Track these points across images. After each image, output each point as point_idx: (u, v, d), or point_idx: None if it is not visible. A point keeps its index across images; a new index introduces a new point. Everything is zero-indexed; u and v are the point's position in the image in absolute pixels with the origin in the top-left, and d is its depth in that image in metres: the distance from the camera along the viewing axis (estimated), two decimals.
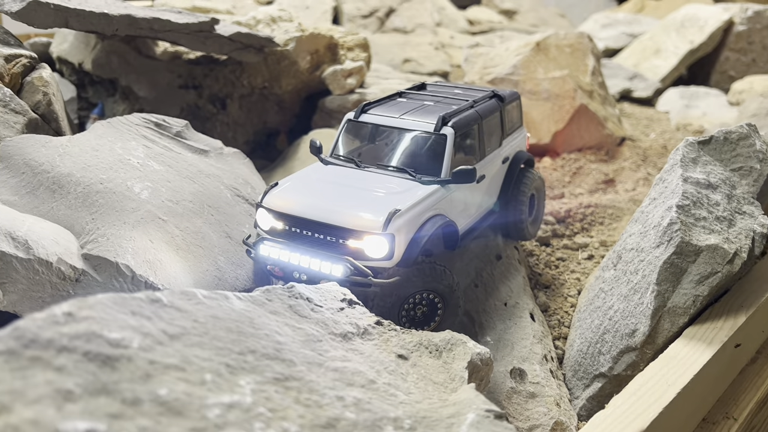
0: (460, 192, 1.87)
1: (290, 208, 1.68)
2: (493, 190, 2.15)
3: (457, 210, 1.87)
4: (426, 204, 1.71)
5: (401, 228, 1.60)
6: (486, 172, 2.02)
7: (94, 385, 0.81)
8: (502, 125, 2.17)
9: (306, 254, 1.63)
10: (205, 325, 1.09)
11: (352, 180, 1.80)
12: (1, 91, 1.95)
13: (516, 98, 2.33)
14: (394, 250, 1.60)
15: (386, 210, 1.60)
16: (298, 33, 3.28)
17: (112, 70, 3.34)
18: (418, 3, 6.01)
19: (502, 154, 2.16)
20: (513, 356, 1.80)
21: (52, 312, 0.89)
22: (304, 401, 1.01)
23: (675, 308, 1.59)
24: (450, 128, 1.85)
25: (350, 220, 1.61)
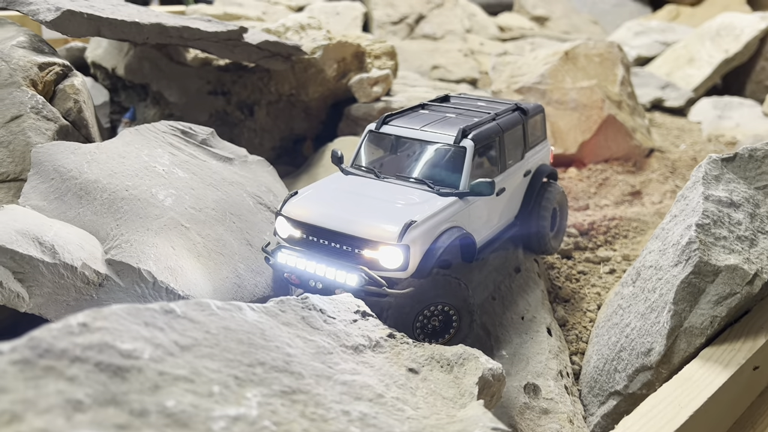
0: (479, 204, 1.88)
1: (308, 216, 1.70)
2: (515, 203, 2.15)
3: (476, 222, 1.87)
4: (443, 216, 1.72)
5: (416, 239, 1.62)
6: (506, 185, 2.03)
7: (104, 396, 0.84)
8: (525, 138, 2.17)
9: (322, 263, 1.65)
10: (216, 336, 1.11)
11: (370, 190, 1.81)
12: (34, 99, 2.01)
13: (539, 111, 2.32)
14: (409, 261, 1.61)
15: (402, 221, 1.62)
16: (326, 41, 3.32)
17: (144, 75, 3.42)
18: (448, 10, 6.01)
19: (525, 167, 2.16)
20: (528, 371, 1.80)
21: (68, 322, 0.92)
22: (309, 415, 1.03)
23: (692, 328, 1.57)
24: (470, 141, 1.86)
25: (366, 230, 1.63)
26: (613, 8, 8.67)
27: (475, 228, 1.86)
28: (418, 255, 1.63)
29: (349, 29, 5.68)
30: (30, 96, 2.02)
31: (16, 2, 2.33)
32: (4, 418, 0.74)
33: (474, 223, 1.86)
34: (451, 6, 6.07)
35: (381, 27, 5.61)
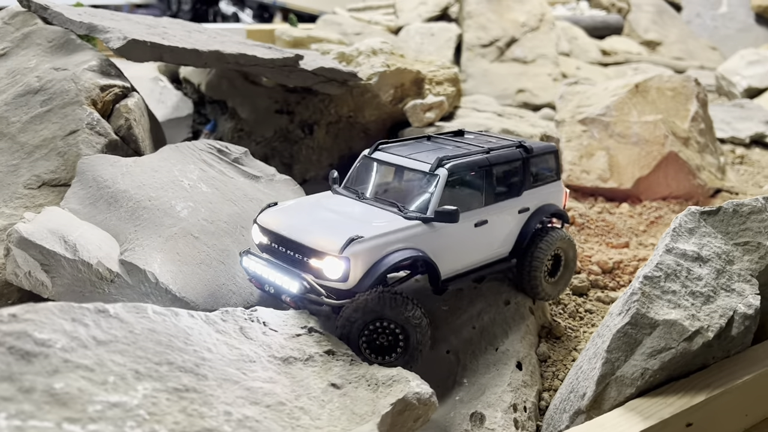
0: (451, 233, 1.93)
1: (273, 225, 1.88)
2: (506, 239, 2.18)
3: (446, 251, 1.93)
4: (398, 236, 1.81)
5: (359, 253, 1.72)
6: (491, 218, 2.07)
7: (3, 374, 1.07)
8: (524, 175, 2.20)
9: (275, 269, 1.82)
10: (138, 336, 1.33)
11: (342, 208, 1.95)
12: (91, 116, 2.36)
13: (549, 152, 2.33)
14: (349, 274, 1.72)
15: (348, 235, 1.73)
16: (383, 68, 3.50)
17: (222, 92, 3.78)
18: (543, 33, 5.99)
19: (521, 203, 2.19)
20: (480, 401, 1.88)
21: (1, 312, 1.17)
22: (189, 411, 1.22)
23: (623, 378, 1.59)
24: (444, 169, 1.94)
25: (314, 240, 1.77)
26: (737, 33, 8.18)
27: (443, 256, 1.92)
28: (359, 269, 1.73)
29: (442, 50, 5.84)
30: (88, 113, 2.37)
31: (96, 30, 2.72)
32: None
33: (443, 251, 1.92)
34: (547, 30, 6.05)
35: (470, 49, 5.71)
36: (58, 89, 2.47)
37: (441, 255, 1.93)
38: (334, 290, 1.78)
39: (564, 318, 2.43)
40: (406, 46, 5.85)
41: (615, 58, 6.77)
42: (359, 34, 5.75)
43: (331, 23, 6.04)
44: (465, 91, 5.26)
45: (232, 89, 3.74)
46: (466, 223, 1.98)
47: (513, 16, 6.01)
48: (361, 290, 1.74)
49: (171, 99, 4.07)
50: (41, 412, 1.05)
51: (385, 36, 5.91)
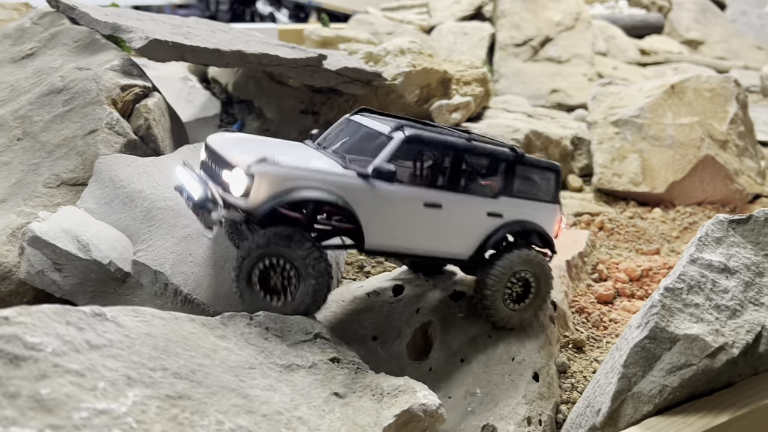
0: (392, 199, 1.82)
1: (213, 141, 1.85)
2: (462, 237, 1.99)
3: (382, 216, 1.82)
4: (321, 177, 1.72)
5: (266, 174, 1.65)
6: (448, 206, 1.92)
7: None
8: (506, 180, 2.03)
9: (194, 179, 1.80)
10: (134, 340, 1.31)
11: (290, 148, 1.90)
12: (111, 116, 2.37)
13: (548, 168, 2.14)
14: (251, 191, 1.65)
15: (263, 155, 1.67)
16: (408, 68, 3.45)
17: (249, 92, 3.78)
18: (579, 32, 5.86)
19: (493, 207, 2.01)
20: (492, 413, 1.82)
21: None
22: (180, 419, 1.19)
23: (639, 394, 1.51)
24: (401, 133, 1.85)
25: (233, 154, 1.72)
26: None
27: (377, 220, 1.81)
28: (263, 190, 1.66)
29: (475, 50, 5.76)
30: (108, 113, 2.38)
31: (120, 30, 2.73)
32: None
33: (378, 215, 1.81)
34: (583, 29, 5.91)
35: (503, 49, 5.62)
36: (80, 89, 2.48)
37: (374, 218, 1.81)
38: (233, 207, 1.72)
39: (587, 327, 2.35)
40: (439, 46, 5.79)
41: (654, 57, 6.59)
42: (391, 33, 5.70)
43: (363, 23, 6.01)
44: (497, 91, 5.18)
45: (259, 89, 3.74)
46: (412, 198, 1.85)
47: (548, 15, 5.89)
48: (258, 213, 1.66)
49: (199, 99, 4.09)
50: (24, 419, 1.03)
51: (416, 35, 5.85)
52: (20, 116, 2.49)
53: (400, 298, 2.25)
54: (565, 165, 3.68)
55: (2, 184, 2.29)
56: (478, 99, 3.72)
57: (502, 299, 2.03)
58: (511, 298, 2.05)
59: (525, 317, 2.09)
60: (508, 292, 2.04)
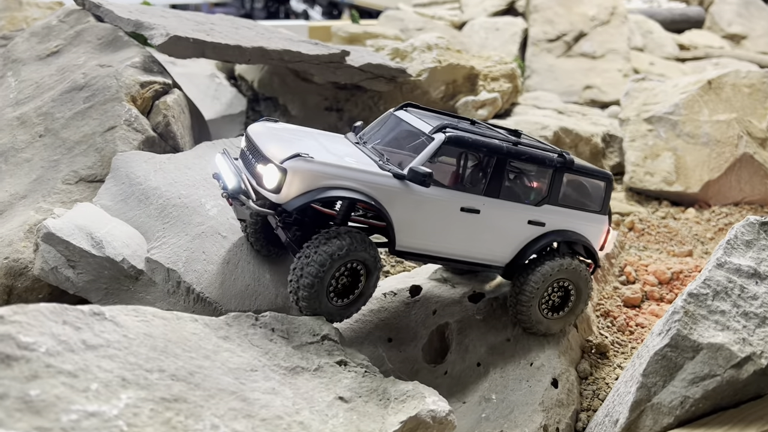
0: (427, 201, 1.77)
1: (253, 131, 1.84)
2: (500, 244, 1.92)
3: (415, 217, 1.77)
4: (355, 176, 1.69)
5: (299, 170, 1.63)
6: (487, 211, 1.85)
7: None
8: (550, 187, 1.95)
9: (231, 168, 1.79)
10: (132, 340, 1.29)
11: (329, 142, 1.87)
12: (129, 112, 2.37)
13: (599, 177, 2.03)
14: (282, 186, 1.64)
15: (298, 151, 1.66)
16: (434, 64, 3.39)
17: (273, 89, 3.76)
18: (614, 27, 5.71)
19: (534, 215, 1.93)
20: (507, 420, 1.75)
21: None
22: (174, 423, 1.16)
23: (659, 405, 1.44)
24: (442, 135, 1.79)
25: (270, 148, 1.71)
26: None
27: (410, 222, 1.77)
28: (295, 185, 1.64)
29: (507, 46, 5.66)
30: (126, 110, 2.38)
31: (142, 27, 2.73)
32: None
33: (412, 217, 1.76)
34: (618, 23, 5.76)
35: (535, 44, 5.51)
36: (101, 86, 2.49)
37: (407, 220, 1.76)
38: (266, 201, 1.71)
39: (612, 332, 2.26)
40: (470, 42, 5.70)
41: (694, 52, 6.38)
42: (421, 29, 5.63)
43: (394, 19, 5.96)
44: (529, 87, 5.08)
45: (284, 86, 3.72)
46: (449, 201, 1.80)
47: (582, 10, 5.75)
48: (289, 209, 1.65)
49: (226, 96, 4.09)
50: (11, 420, 1.01)
51: (447, 31, 5.77)
52: (43, 113, 2.51)
53: (417, 299, 2.19)
54: (595, 163, 3.58)
55: (23, 180, 2.31)
56: (505, 95, 3.64)
57: (538, 306, 1.95)
58: (548, 306, 1.98)
59: (558, 327, 2.00)
60: (545, 300, 1.96)
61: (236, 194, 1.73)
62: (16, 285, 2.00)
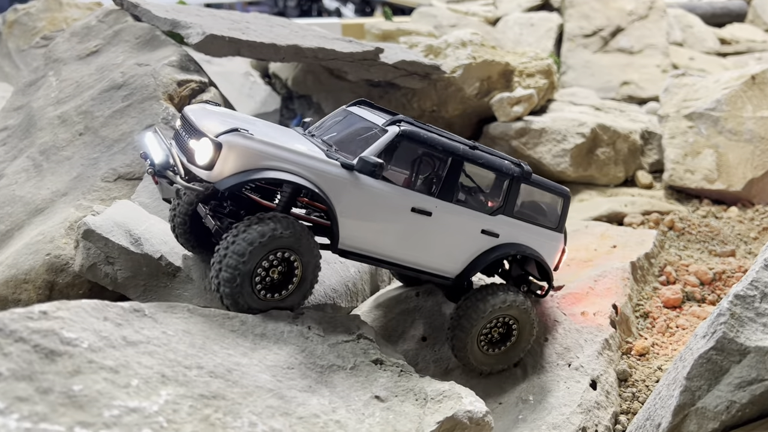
0: (376, 196, 1.65)
1: (190, 110, 1.70)
2: (450, 252, 1.80)
3: (362, 213, 1.65)
4: (298, 159, 1.56)
5: (235, 146, 1.49)
6: (439, 215, 1.74)
7: (23, 372, 1.06)
8: (506, 198, 1.85)
9: (159, 144, 1.67)
10: (171, 337, 1.30)
11: (275, 130, 1.76)
12: (167, 111, 2.39)
13: (557, 193, 1.96)
14: (216, 162, 1.49)
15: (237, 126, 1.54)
16: (468, 60, 3.36)
17: (307, 87, 3.77)
18: (652, 22, 5.60)
19: (487, 224, 1.82)
20: (544, 421, 1.73)
21: (32, 309, 1.17)
22: (213, 420, 1.16)
23: (704, 410, 1.40)
24: (396, 127, 1.70)
25: (205, 123, 1.58)
26: None
27: (357, 217, 1.64)
28: (230, 163, 1.50)
29: (542, 41, 5.59)
30: (164, 108, 2.40)
31: (179, 26, 2.76)
32: None
33: (358, 212, 1.64)
34: (657, 18, 5.64)
35: (571, 40, 5.43)
36: (139, 84, 2.52)
37: (353, 216, 1.64)
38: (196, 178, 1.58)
39: (652, 333, 2.22)
40: (504, 38, 5.65)
41: (735, 47, 6.22)
42: (454, 26, 5.60)
43: (427, 15, 5.93)
44: (565, 83, 5.01)
45: (317, 84, 3.73)
46: (399, 199, 1.68)
47: (619, 4, 5.65)
48: (221, 188, 1.51)
49: (260, 94, 4.12)
50: (55, 415, 1.03)
51: (481, 27, 5.73)
52: (83, 112, 2.55)
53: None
54: (634, 160, 3.51)
55: (64, 178, 2.35)
56: (541, 91, 3.59)
57: (477, 337, 1.83)
58: (486, 340, 1.87)
59: (490, 364, 1.90)
60: (485, 333, 1.85)
61: (163, 170, 1.59)
62: (58, 281, 2.04)
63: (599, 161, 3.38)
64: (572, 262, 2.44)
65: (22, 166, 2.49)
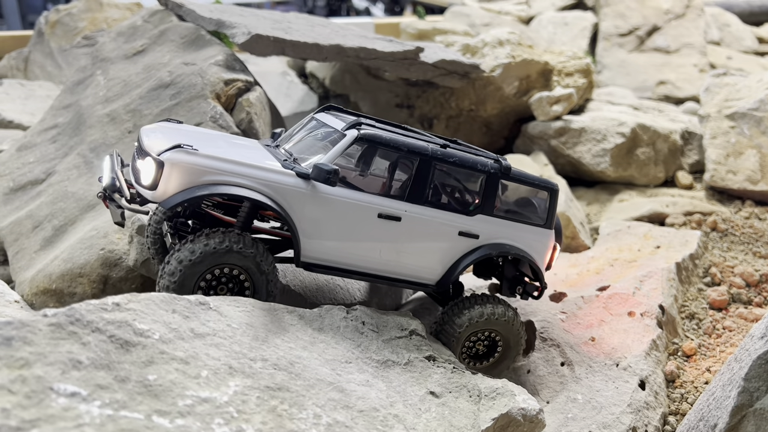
0: (337, 205, 1.59)
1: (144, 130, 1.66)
2: (426, 258, 1.72)
3: (325, 224, 1.59)
4: (248, 171, 1.51)
5: (177, 163, 1.45)
6: (410, 220, 1.66)
7: (102, 361, 1.10)
8: (485, 196, 1.76)
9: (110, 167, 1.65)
10: (235, 330, 1.33)
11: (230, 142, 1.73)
12: (215, 109, 2.43)
13: (542, 187, 1.85)
14: (159, 181, 1.45)
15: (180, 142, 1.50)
16: (508, 59, 3.36)
17: (345, 86, 3.80)
18: (690, 21, 5.53)
19: (465, 225, 1.74)
20: (593, 420, 1.73)
21: (106, 301, 1.21)
22: (279, 411, 1.19)
23: (763, 411, 1.39)
24: (355, 131, 1.63)
25: (151, 141, 1.54)
26: None
27: (319, 228, 1.58)
28: (174, 181, 1.45)
29: (576, 40, 5.56)
30: (212, 107, 2.44)
31: (224, 26, 2.80)
32: (19, 363, 1.02)
33: (320, 223, 1.58)
34: (694, 17, 5.58)
35: (607, 39, 5.39)
36: (186, 83, 2.57)
37: (314, 226, 1.58)
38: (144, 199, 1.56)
39: (698, 335, 2.20)
40: (538, 37, 5.62)
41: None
42: (488, 25, 5.59)
43: (460, 15, 5.93)
44: (600, 83, 4.97)
45: (355, 83, 3.76)
46: (364, 206, 1.61)
47: (656, 3, 5.59)
48: (165, 208, 1.47)
49: (297, 93, 4.16)
50: (133, 403, 1.06)
51: (515, 26, 5.71)
52: (131, 110, 2.61)
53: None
54: (674, 161, 3.48)
55: None
56: (580, 91, 3.57)
57: (458, 353, 1.76)
58: (469, 354, 1.81)
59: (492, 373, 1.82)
60: (468, 346, 1.79)
61: (108, 194, 1.57)
62: (111, 275, 2.09)
63: (639, 161, 3.36)
64: (616, 263, 2.43)
65: (74, 162, 2.55)
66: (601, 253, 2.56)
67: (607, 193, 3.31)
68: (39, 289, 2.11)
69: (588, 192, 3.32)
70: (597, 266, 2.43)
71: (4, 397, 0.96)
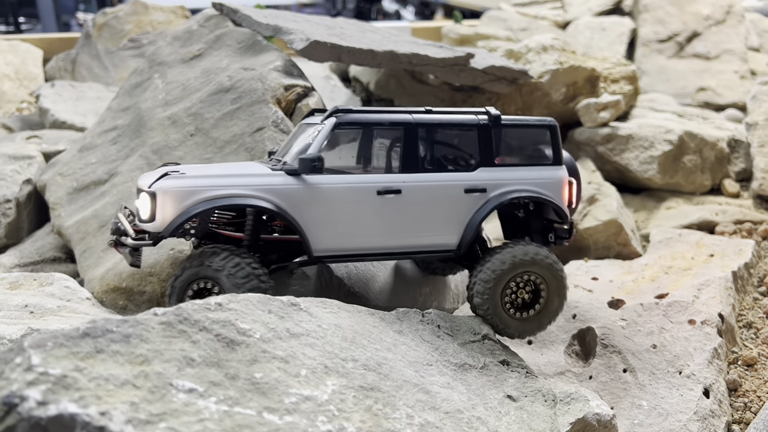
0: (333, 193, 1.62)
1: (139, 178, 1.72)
2: (440, 223, 1.72)
3: (326, 214, 1.62)
4: (236, 181, 1.57)
5: (168, 190, 1.52)
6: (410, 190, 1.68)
7: (212, 359, 1.15)
8: (482, 148, 1.76)
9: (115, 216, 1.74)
10: (326, 330, 1.37)
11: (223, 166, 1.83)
12: (276, 114, 2.49)
13: (539, 126, 1.85)
14: (156, 212, 1.52)
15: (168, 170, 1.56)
16: (556, 66, 3.38)
17: (390, 91, 3.85)
18: (730, 27, 5.50)
19: (469, 181, 1.74)
20: (660, 427, 1.75)
21: (209, 301, 1.26)
22: (374, 410, 1.23)
23: None
24: (332, 118, 1.68)
25: (143, 180, 1.61)
26: None
27: (322, 220, 1.61)
28: (169, 208, 1.52)
29: (614, 46, 5.55)
30: (273, 112, 2.50)
31: (281, 31, 2.86)
32: (139, 359, 1.08)
33: (321, 214, 1.61)
34: (735, 23, 5.55)
35: (646, 45, 5.38)
36: (247, 88, 2.62)
37: (317, 218, 1.61)
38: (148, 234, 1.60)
39: (756, 344, 2.21)
40: (575, 42, 5.62)
41: None
42: (525, 29, 5.61)
43: (496, 19, 5.95)
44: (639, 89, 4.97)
45: (400, 88, 3.80)
46: (360, 187, 1.64)
47: (695, 9, 5.57)
48: (165, 235, 1.54)
49: (341, 97, 4.21)
50: (245, 399, 1.11)
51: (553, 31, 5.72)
52: (192, 113, 2.67)
53: None
54: (720, 168, 3.48)
55: None
56: (626, 97, 3.59)
57: (501, 301, 1.72)
58: (513, 304, 1.75)
59: (530, 330, 1.79)
60: (509, 295, 1.73)
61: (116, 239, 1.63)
62: None
63: (686, 169, 3.36)
64: (671, 270, 2.45)
65: (137, 164, 2.62)
66: (654, 260, 2.57)
67: (653, 201, 3.31)
68: (109, 287, 2.17)
69: (634, 199, 3.33)
70: (651, 274, 2.44)
71: (131, 391, 1.01)
